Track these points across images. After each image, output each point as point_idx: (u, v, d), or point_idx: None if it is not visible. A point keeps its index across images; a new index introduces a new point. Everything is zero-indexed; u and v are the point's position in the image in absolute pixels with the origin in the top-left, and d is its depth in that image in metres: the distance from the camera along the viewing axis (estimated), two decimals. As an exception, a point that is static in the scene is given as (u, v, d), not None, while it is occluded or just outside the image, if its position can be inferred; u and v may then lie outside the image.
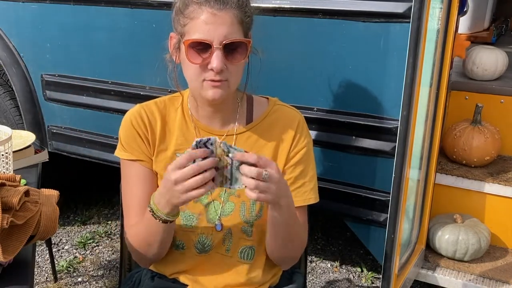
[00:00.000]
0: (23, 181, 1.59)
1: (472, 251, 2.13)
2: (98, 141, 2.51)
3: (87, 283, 2.62)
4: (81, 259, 2.81)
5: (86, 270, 2.72)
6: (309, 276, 2.68)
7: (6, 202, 1.13)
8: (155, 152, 1.38)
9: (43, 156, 1.94)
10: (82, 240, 2.95)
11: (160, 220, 1.22)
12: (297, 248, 1.40)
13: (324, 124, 1.92)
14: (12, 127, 1.97)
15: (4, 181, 1.19)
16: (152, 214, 1.23)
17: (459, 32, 2.77)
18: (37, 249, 2.66)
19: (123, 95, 2.34)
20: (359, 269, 2.76)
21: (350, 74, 1.83)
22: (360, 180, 1.94)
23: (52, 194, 1.33)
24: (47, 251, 2.62)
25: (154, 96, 1.47)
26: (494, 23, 3.54)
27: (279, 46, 1.90)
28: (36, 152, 1.92)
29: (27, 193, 1.21)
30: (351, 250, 2.92)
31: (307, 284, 2.27)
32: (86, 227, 3.14)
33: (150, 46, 2.13)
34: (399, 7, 1.69)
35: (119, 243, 2.78)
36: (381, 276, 1.78)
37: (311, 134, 1.48)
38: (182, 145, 1.38)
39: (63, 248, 2.91)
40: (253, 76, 1.36)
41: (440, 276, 2.13)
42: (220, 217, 1.37)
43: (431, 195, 2.16)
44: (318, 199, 1.42)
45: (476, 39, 3.23)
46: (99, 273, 2.71)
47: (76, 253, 2.87)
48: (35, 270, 2.61)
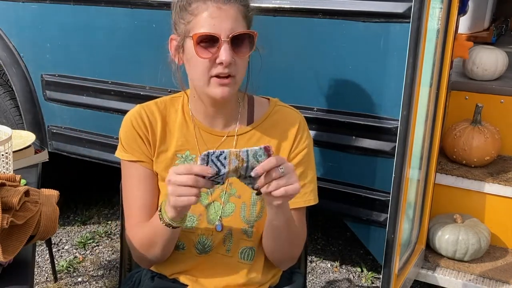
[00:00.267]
0: (23, 181, 1.58)
1: (472, 251, 2.13)
2: (98, 141, 2.51)
3: (87, 283, 2.62)
4: (81, 259, 2.81)
5: (86, 270, 2.72)
6: (309, 276, 2.68)
7: (6, 202, 1.13)
8: (155, 153, 1.37)
9: (43, 156, 1.94)
10: (82, 240, 2.95)
11: (164, 223, 1.22)
12: (296, 249, 1.41)
13: (324, 124, 1.92)
14: (12, 127, 1.97)
15: (4, 181, 1.19)
16: (159, 215, 1.23)
17: (459, 32, 2.77)
18: (37, 249, 2.66)
19: (123, 95, 2.34)
20: (359, 269, 2.76)
21: (350, 74, 1.83)
22: (360, 180, 1.94)
23: (52, 194, 1.33)
24: (47, 251, 2.63)
25: (154, 96, 1.47)
26: (494, 23, 3.54)
27: (279, 46, 1.90)
28: (36, 152, 1.92)
29: (27, 193, 1.21)
30: (351, 250, 2.92)
31: (307, 284, 2.27)
32: (86, 227, 3.14)
33: (150, 46, 2.15)
34: (399, 7, 1.69)
35: (119, 243, 2.77)
36: (381, 276, 1.78)
37: (311, 134, 1.48)
38: (182, 146, 1.38)
39: (63, 248, 2.91)
40: (253, 76, 1.36)
41: (440, 276, 2.13)
42: (220, 217, 1.37)
43: (431, 195, 2.16)
44: (317, 201, 1.42)
45: (476, 39, 3.23)
46: (99, 273, 2.71)
47: (76, 253, 2.87)
48: (35, 270, 2.61)
